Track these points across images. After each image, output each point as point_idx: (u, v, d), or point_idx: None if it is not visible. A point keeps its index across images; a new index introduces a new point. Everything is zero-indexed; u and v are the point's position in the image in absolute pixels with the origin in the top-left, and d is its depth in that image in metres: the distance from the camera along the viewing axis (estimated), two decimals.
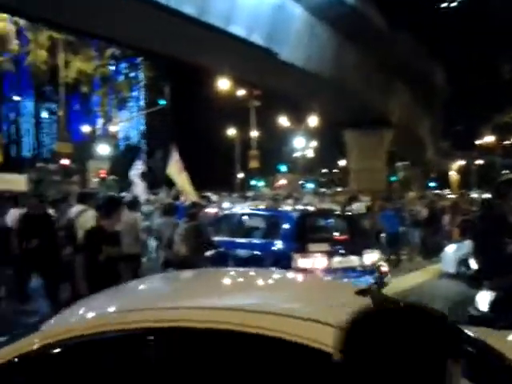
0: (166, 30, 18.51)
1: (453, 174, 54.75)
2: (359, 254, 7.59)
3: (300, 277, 3.33)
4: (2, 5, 17.80)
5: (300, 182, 53.69)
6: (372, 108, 28.73)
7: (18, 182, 27.32)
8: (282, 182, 48.10)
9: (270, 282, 2.96)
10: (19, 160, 41.94)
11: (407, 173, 60.84)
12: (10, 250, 7.14)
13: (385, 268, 7.90)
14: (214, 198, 23.94)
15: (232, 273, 3.47)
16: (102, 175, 29.54)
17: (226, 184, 47.88)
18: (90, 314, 2.43)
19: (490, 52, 52.28)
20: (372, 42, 23.20)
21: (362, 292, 2.34)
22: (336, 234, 8.23)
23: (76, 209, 7.20)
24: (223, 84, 33.06)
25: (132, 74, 35.60)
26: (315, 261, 7.05)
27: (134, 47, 24.84)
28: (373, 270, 7.66)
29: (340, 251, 7.38)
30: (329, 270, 7.07)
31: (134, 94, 39.71)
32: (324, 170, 73.18)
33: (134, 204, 8.15)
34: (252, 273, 3.46)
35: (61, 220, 7.69)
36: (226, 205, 21.66)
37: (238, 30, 19.21)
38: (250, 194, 32.50)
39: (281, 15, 20.03)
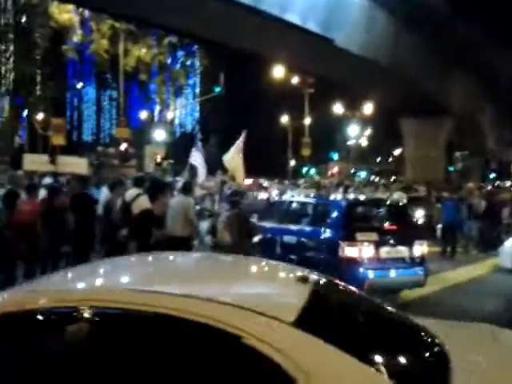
0: (222, 19, 18.76)
1: None
2: (409, 244, 7.39)
3: (246, 263, 3.33)
4: None
5: (352, 171, 53.05)
6: (431, 96, 27.90)
7: (79, 164, 28.73)
8: (335, 169, 47.75)
9: (211, 266, 3.02)
10: (80, 144, 43.77)
11: (466, 163, 58.69)
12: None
13: None
14: (265, 183, 24.21)
15: (185, 258, 3.54)
16: (157, 160, 30.44)
17: (278, 171, 48.05)
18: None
19: None
20: (433, 28, 22.46)
21: (302, 279, 2.41)
22: (385, 223, 8.02)
23: (132, 192, 7.32)
24: (277, 71, 33.10)
25: (188, 62, 36.20)
26: (362, 250, 6.99)
27: (192, 35, 25.30)
28: (422, 261, 7.52)
29: (389, 241, 7.23)
30: (377, 260, 7.00)
31: (190, 81, 40.40)
32: (378, 159, 71.65)
33: (186, 188, 8.25)
34: (200, 257, 3.64)
35: (117, 203, 7.80)
36: (275, 191, 22.01)
37: (293, 17, 19.19)
38: (301, 181, 32.55)
39: (337, 2, 19.79)
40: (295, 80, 37.62)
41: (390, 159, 71.71)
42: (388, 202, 9.72)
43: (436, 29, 22.47)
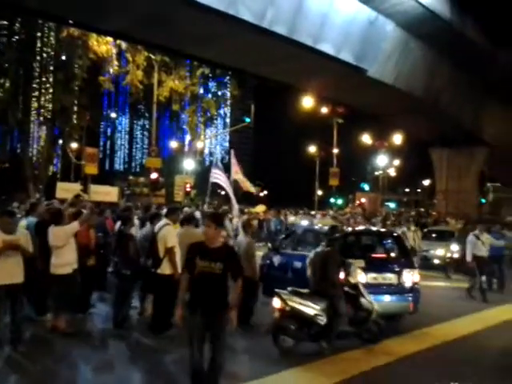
0: (255, 49, 19.00)
1: None
2: (397, 272, 7.96)
3: None
4: (113, 31, 19.28)
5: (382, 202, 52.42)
6: (464, 126, 27.55)
7: (111, 193, 29.15)
8: (363, 200, 47.26)
9: None
10: (112, 173, 44.58)
11: (497, 194, 57.39)
12: None
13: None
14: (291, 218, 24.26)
15: None
16: (187, 189, 30.61)
17: (305, 201, 47.87)
18: None
19: None
20: (468, 58, 22.30)
21: None
22: (375, 252, 8.92)
23: (161, 223, 7.52)
24: (307, 102, 33.31)
25: (219, 93, 36.81)
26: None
27: (225, 67, 25.71)
28: (412, 288, 7.99)
29: (377, 268, 7.77)
30: (363, 285, 7.33)
31: (221, 111, 40.94)
32: (406, 190, 70.84)
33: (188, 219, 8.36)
34: None
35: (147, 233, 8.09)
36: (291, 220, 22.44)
37: (326, 47, 19.30)
38: (330, 212, 32.26)
39: (372, 32, 19.86)
40: (325, 110, 37.76)
41: (419, 190, 70.80)
42: (380, 233, 10.41)
43: (471, 58, 22.31)
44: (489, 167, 42.99)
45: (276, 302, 6.65)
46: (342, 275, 6.92)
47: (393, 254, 8.88)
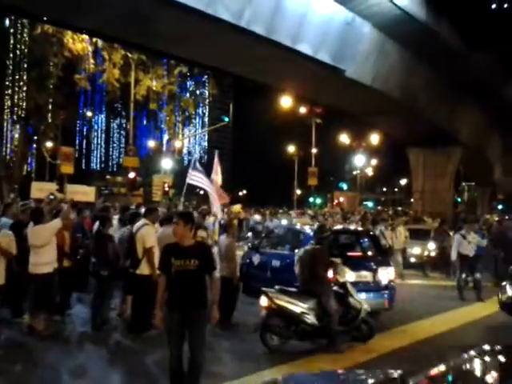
0: (233, 48, 18.96)
1: None
2: (373, 270, 8.24)
3: None
4: (89, 29, 19.01)
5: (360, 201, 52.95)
6: (440, 126, 27.98)
7: (88, 193, 28.73)
8: (341, 199, 47.69)
9: None
10: (88, 172, 43.98)
11: (472, 193, 58.56)
12: None
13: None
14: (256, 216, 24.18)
15: None
16: (166, 189, 30.40)
17: (284, 200, 48.09)
18: None
19: None
20: (444, 60, 22.64)
21: None
22: (352, 251, 9.17)
23: (139, 223, 7.51)
24: (285, 101, 33.43)
25: (198, 92, 36.65)
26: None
27: (203, 66, 25.57)
28: (387, 286, 8.27)
29: (353, 266, 7.90)
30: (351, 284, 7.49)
31: (199, 111, 40.78)
32: (384, 189, 71.77)
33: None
34: None
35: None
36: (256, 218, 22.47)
37: (304, 48, 19.36)
38: (309, 211, 32.43)
39: (349, 33, 20.01)
40: (303, 110, 37.95)
41: (396, 189, 71.78)
42: (356, 232, 10.65)
43: (447, 60, 22.67)
44: (464, 167, 43.80)
45: (263, 301, 6.65)
46: (330, 274, 6.95)
47: (369, 253, 9.12)
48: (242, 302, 8.51)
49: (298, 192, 52.00)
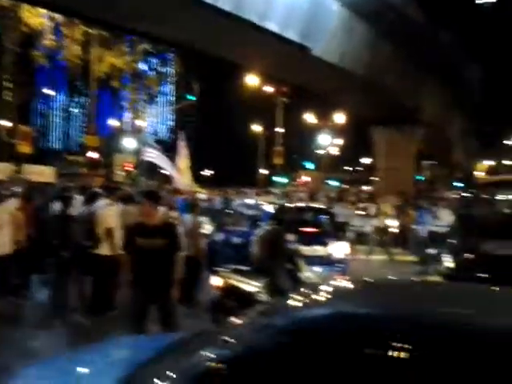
0: (198, 25, 18.56)
1: (480, 175, 53.69)
2: (325, 244, 9.01)
3: None
4: (46, 2, 18.20)
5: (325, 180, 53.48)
6: (403, 106, 28.35)
7: (46, 173, 27.96)
8: (305, 179, 47.98)
9: None
10: (48, 152, 42.68)
11: (433, 172, 59.97)
12: None
13: None
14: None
15: None
16: (127, 168, 29.89)
17: (249, 179, 48.06)
18: None
19: None
20: (409, 39, 22.84)
21: None
22: (307, 227, 9.69)
23: (100, 203, 7.42)
24: (251, 80, 33.14)
25: (163, 70, 35.87)
26: None
27: (167, 42, 25.00)
28: (340, 260, 9.00)
29: (307, 241, 8.51)
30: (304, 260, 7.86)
31: (164, 89, 39.94)
32: (347, 168, 72.57)
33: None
34: None
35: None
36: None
37: (271, 25, 19.15)
38: (274, 190, 32.49)
39: (316, 10, 19.90)
40: (269, 89, 37.75)
41: (359, 168, 72.71)
42: (311, 209, 11.16)
43: (412, 39, 22.87)
44: (426, 146, 44.67)
45: (215, 280, 6.59)
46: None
47: (324, 229, 9.74)
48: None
49: (266, 172, 52.05)
